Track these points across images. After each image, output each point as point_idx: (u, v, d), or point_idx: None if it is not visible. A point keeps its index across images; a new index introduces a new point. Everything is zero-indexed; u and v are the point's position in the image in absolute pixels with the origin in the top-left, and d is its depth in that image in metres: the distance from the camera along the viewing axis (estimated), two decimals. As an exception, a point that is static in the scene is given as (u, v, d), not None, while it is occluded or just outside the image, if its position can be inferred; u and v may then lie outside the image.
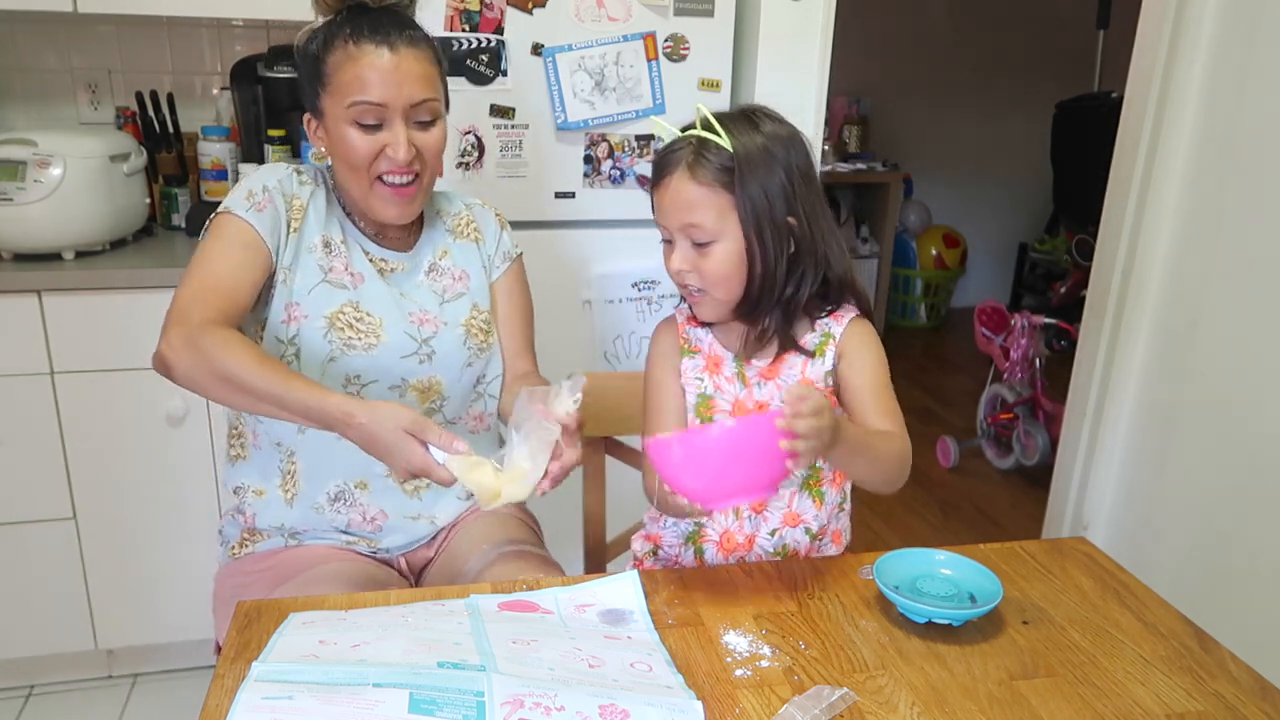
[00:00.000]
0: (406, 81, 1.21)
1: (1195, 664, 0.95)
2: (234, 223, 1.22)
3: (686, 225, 1.13)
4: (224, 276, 1.19)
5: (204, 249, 1.22)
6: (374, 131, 1.22)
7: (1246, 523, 1.85)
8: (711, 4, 1.94)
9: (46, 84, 2.22)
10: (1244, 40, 1.84)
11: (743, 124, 1.14)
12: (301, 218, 1.28)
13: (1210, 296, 1.92)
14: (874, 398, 1.18)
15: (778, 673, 0.91)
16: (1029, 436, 3.15)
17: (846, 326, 1.21)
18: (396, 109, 1.21)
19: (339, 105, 1.22)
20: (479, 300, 1.39)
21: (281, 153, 2.15)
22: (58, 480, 1.87)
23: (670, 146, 1.15)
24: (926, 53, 4.87)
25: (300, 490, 1.30)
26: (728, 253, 1.13)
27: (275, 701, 0.77)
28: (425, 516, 1.35)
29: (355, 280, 1.29)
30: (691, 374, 1.25)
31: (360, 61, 1.20)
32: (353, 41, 1.20)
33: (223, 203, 1.25)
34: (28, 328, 1.78)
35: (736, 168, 1.11)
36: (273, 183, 1.26)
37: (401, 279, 1.34)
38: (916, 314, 5.08)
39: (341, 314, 1.27)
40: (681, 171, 1.12)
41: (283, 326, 1.26)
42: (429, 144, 1.26)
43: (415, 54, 1.22)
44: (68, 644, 1.98)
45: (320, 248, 1.29)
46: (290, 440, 1.29)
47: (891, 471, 1.12)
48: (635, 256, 2.05)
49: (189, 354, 1.11)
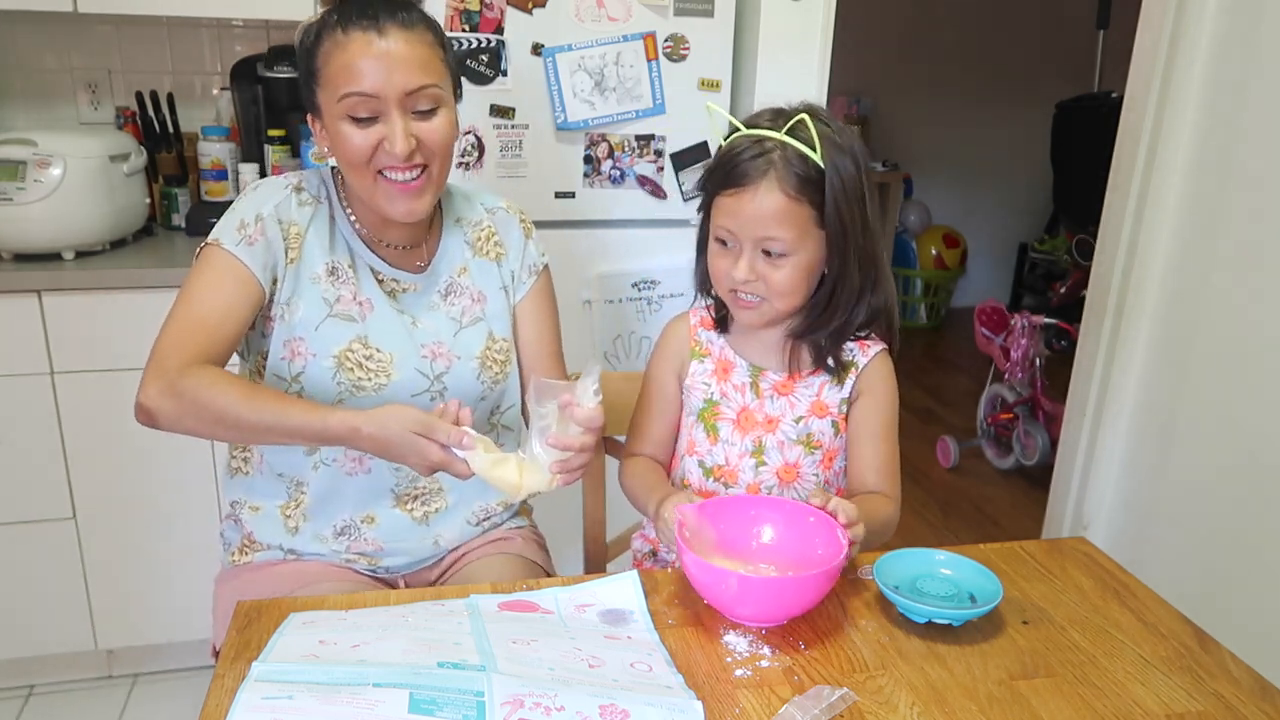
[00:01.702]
0: (399, 67, 1.11)
1: (1195, 664, 0.95)
2: (221, 256, 1.15)
3: (764, 237, 1.09)
4: (209, 313, 1.13)
5: (190, 283, 1.15)
6: (369, 125, 1.13)
7: (1246, 523, 1.85)
8: (711, 4, 1.94)
9: (46, 84, 2.22)
10: (1244, 40, 1.84)
11: (825, 134, 1.07)
12: (300, 246, 1.20)
13: (1210, 296, 1.92)
14: (878, 445, 1.21)
15: (778, 673, 0.91)
16: (1029, 436, 3.14)
17: (872, 360, 1.21)
18: (390, 98, 1.12)
19: (332, 99, 1.13)
20: (495, 327, 1.30)
21: (281, 153, 2.15)
22: (58, 480, 1.87)
23: (746, 150, 1.09)
24: (926, 53, 4.87)
25: (305, 523, 1.26)
26: (800, 265, 1.10)
27: (275, 701, 0.77)
28: (430, 537, 1.31)
29: (364, 310, 1.22)
30: (699, 378, 1.24)
31: (348, 49, 1.11)
32: (340, 28, 1.11)
33: (213, 231, 1.18)
34: (28, 328, 1.78)
35: (828, 183, 1.07)
36: (268, 209, 1.18)
37: (414, 300, 1.26)
38: (916, 314, 5.08)
39: (350, 352, 1.20)
40: (770, 182, 1.07)
41: (284, 364, 1.19)
42: (432, 134, 1.16)
43: (408, 36, 1.12)
44: (68, 644, 1.98)
45: (324, 277, 1.20)
46: (301, 473, 1.25)
47: (876, 540, 1.13)
48: (635, 256, 2.05)
49: (170, 402, 1.06)
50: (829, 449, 1.22)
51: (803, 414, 1.21)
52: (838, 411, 1.21)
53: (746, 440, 1.22)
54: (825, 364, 1.19)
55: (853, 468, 1.23)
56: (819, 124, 1.07)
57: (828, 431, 1.21)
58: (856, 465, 1.22)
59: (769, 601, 0.97)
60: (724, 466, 1.23)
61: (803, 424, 1.20)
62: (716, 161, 1.13)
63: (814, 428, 1.21)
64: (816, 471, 1.22)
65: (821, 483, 1.23)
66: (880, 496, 1.20)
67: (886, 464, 1.21)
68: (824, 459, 1.22)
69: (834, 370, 1.20)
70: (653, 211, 2.04)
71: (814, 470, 1.22)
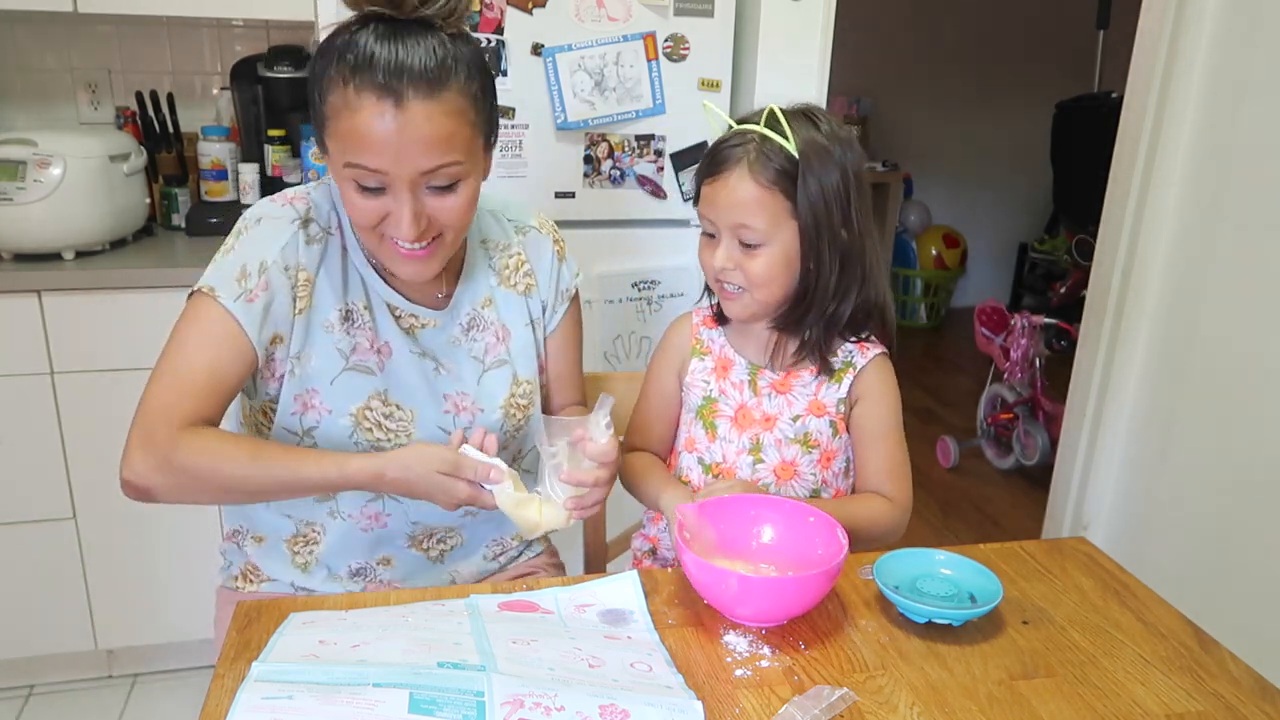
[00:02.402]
0: (414, 148, 0.97)
1: (1195, 664, 0.95)
2: (216, 312, 1.04)
3: (738, 225, 1.11)
4: (199, 373, 1.03)
5: (180, 337, 1.05)
6: (376, 195, 1.01)
7: (1246, 523, 1.85)
8: (711, 4, 1.94)
9: (46, 84, 2.22)
10: (1244, 40, 1.84)
11: (805, 124, 1.10)
12: (310, 293, 1.09)
13: (1210, 296, 1.92)
14: (880, 448, 1.22)
15: (778, 673, 0.91)
16: (1029, 436, 3.14)
17: (870, 361, 1.21)
18: (401, 178, 0.99)
19: (338, 156, 1.00)
20: (519, 367, 1.22)
21: (282, 153, 2.15)
22: (58, 480, 1.87)
23: (729, 140, 1.12)
24: (926, 52, 4.88)
25: (317, 565, 1.21)
26: (775, 256, 1.11)
27: (275, 701, 0.77)
28: (446, 574, 1.27)
29: (382, 358, 1.13)
30: (699, 375, 1.25)
31: (358, 115, 0.96)
32: (353, 85, 0.96)
33: (208, 274, 1.06)
34: (28, 328, 1.78)
35: (800, 172, 1.08)
36: (273, 255, 1.06)
37: (433, 336, 1.17)
38: (916, 314, 5.08)
39: (369, 410, 1.11)
40: (742, 169, 1.09)
41: (295, 418, 1.11)
42: (447, 213, 1.03)
43: (431, 109, 0.96)
44: (68, 644, 1.98)
45: (338, 325, 1.10)
46: (312, 515, 1.19)
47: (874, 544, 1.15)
48: (635, 256, 2.05)
49: (166, 478, 1.00)
50: (827, 449, 1.22)
51: (800, 413, 1.21)
52: (835, 411, 1.21)
53: (744, 438, 1.22)
54: (814, 359, 1.19)
55: (860, 473, 1.24)
56: (807, 121, 1.10)
57: (825, 431, 1.21)
58: (863, 470, 1.24)
59: (769, 601, 0.97)
60: (722, 463, 1.23)
61: (800, 423, 1.21)
62: (704, 154, 1.16)
63: (811, 427, 1.21)
64: (814, 470, 1.22)
65: (819, 482, 1.23)
66: (875, 498, 1.20)
67: (891, 467, 1.22)
68: (821, 458, 1.22)
69: (827, 368, 1.20)
70: (653, 211, 2.04)
71: (811, 469, 1.22)
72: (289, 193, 1.14)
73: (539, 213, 1.30)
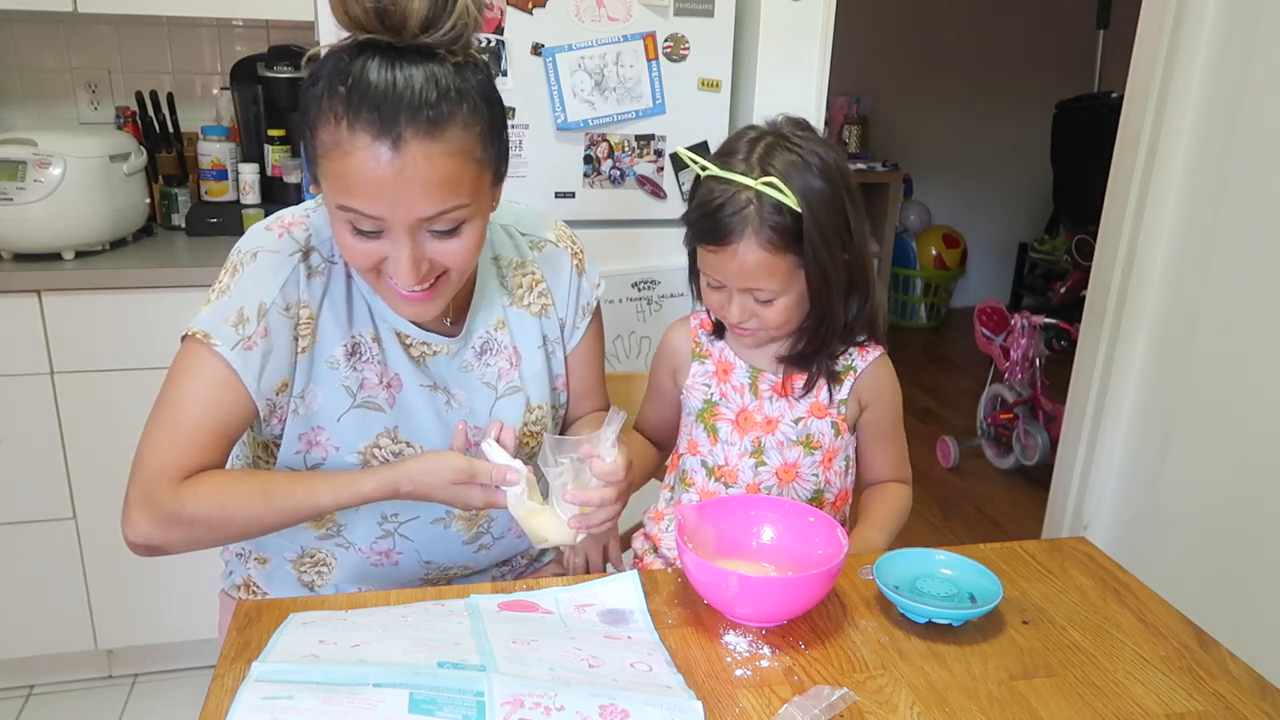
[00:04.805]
0: (413, 193, 0.89)
1: (1195, 664, 0.95)
2: (211, 361, 0.98)
3: (750, 289, 1.11)
4: (198, 424, 0.98)
5: (175, 386, 1.00)
6: (372, 239, 0.93)
7: (1246, 523, 1.85)
8: (711, 4, 1.94)
9: (46, 84, 2.22)
10: (1244, 40, 1.84)
11: (798, 170, 1.06)
12: (313, 330, 1.03)
13: (1210, 296, 1.92)
14: (887, 444, 1.27)
15: (778, 673, 0.91)
16: (1029, 436, 3.15)
17: (871, 364, 1.22)
18: (399, 224, 0.91)
19: (330, 198, 0.93)
20: (532, 393, 1.17)
21: (281, 153, 2.15)
22: (58, 480, 1.87)
23: (726, 205, 1.06)
24: (926, 53, 4.88)
25: (327, 586, 1.18)
26: (790, 301, 1.12)
27: (275, 701, 0.77)
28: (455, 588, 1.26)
29: (392, 392, 1.08)
30: (699, 379, 1.25)
31: (351, 156, 0.87)
32: (346, 122, 0.87)
33: (203, 317, 1.00)
34: (28, 328, 1.78)
35: (805, 229, 1.06)
36: (272, 296, 1.00)
37: (445, 364, 1.12)
38: (916, 314, 5.08)
39: (378, 449, 1.07)
40: (748, 239, 1.06)
41: (299, 457, 1.08)
42: (449, 257, 0.96)
43: (431, 150, 0.88)
44: (68, 644, 1.98)
45: (344, 361, 1.05)
46: (320, 546, 1.16)
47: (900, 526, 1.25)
48: (635, 256, 2.05)
49: (174, 532, 0.97)
50: (829, 449, 1.22)
51: (802, 415, 1.21)
52: (836, 412, 1.21)
53: (745, 440, 1.22)
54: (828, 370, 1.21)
55: (871, 466, 1.29)
56: (789, 154, 1.06)
57: (827, 432, 1.21)
58: (875, 463, 1.28)
59: (769, 601, 0.97)
60: (724, 466, 1.23)
61: (802, 425, 1.21)
62: (695, 208, 1.11)
63: (813, 428, 1.21)
64: (816, 471, 1.22)
65: (822, 483, 1.23)
66: (896, 487, 1.28)
67: (901, 455, 1.29)
68: (823, 459, 1.22)
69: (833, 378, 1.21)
70: (653, 211, 2.04)
71: (813, 470, 1.22)
72: (286, 218, 1.06)
73: (557, 223, 1.24)
